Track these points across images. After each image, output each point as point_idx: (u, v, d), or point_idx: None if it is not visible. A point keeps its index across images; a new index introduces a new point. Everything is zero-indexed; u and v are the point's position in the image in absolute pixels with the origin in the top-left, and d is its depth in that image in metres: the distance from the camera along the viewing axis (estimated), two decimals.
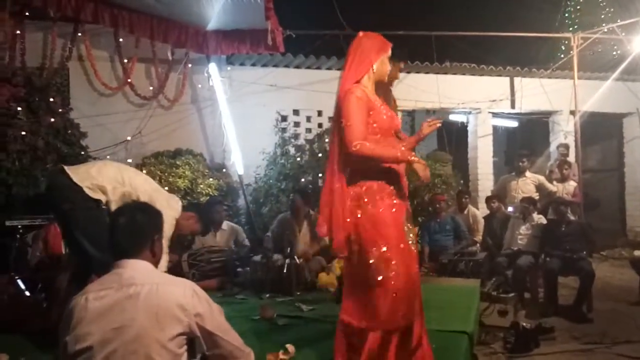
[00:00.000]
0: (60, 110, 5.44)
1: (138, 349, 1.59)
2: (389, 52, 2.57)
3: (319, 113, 7.32)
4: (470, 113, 8.45)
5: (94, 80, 6.07)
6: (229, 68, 6.85)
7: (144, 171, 5.50)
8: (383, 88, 2.65)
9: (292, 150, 6.76)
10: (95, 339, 1.59)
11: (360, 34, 2.55)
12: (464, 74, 8.19)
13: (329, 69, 7.36)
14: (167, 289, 1.68)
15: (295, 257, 4.66)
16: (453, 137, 9.68)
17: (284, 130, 7.02)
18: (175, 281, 1.75)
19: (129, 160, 5.81)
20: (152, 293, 1.64)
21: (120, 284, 1.67)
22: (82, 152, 5.42)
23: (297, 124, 7.29)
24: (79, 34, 5.87)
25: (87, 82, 6.09)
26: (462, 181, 7.57)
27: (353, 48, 2.51)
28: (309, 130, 7.31)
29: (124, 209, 1.91)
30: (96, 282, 1.78)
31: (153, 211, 1.89)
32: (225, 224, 5.45)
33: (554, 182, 6.99)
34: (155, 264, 1.80)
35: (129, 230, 1.77)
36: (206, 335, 1.70)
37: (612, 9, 8.46)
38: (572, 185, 6.98)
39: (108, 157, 5.73)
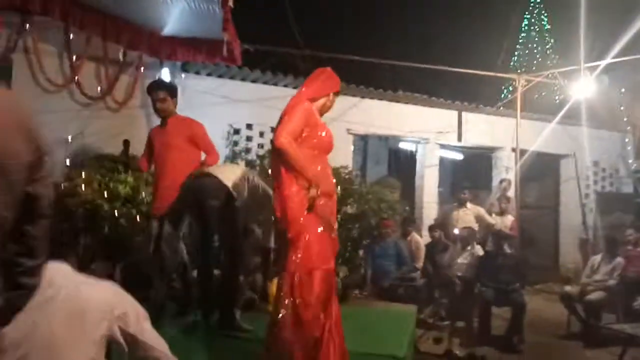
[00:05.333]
0: None
1: (52, 352, 1.50)
2: (338, 94, 2.93)
3: (273, 129, 7.29)
4: (419, 142, 8.67)
5: (39, 75, 5.79)
6: (183, 75, 6.74)
7: (83, 174, 5.28)
8: None
9: (242, 165, 6.67)
10: (7, 341, 1.48)
11: (328, 69, 2.90)
12: (415, 104, 8.42)
13: (285, 86, 7.38)
14: (87, 290, 1.60)
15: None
16: (402, 165, 9.93)
17: (235, 143, 6.93)
18: (96, 283, 1.68)
19: (67, 161, 5.55)
20: (70, 295, 1.56)
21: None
22: None
23: (249, 138, 7.23)
24: (27, 26, 5.61)
25: (31, 77, 5.80)
26: (407, 208, 7.71)
27: (314, 76, 2.86)
28: (261, 146, 7.26)
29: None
30: None
31: (75, 217, 1.81)
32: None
33: (493, 215, 7.26)
34: (73, 267, 1.70)
35: (51, 232, 1.67)
36: (129, 339, 1.63)
37: (556, 57, 8.99)
38: (510, 219, 7.27)
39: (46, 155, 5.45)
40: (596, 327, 5.09)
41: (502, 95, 9.15)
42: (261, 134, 7.32)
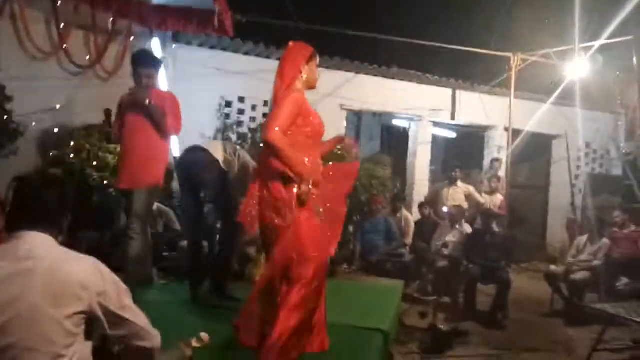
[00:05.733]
0: None
1: (30, 325, 1.50)
2: (317, 60, 2.84)
3: (265, 103, 7.22)
4: (412, 120, 8.65)
5: (26, 41, 5.67)
6: (174, 46, 6.63)
7: (72, 143, 5.24)
8: None
9: (233, 138, 6.64)
10: None
11: (290, 43, 2.83)
12: (409, 81, 8.36)
13: (278, 59, 7.18)
14: (68, 265, 1.59)
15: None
16: (395, 142, 9.91)
17: (227, 116, 6.88)
18: (78, 257, 1.66)
19: (56, 130, 5.49)
20: (51, 268, 1.56)
21: (18, 256, 1.57)
22: (5, 117, 5.05)
23: (241, 111, 7.17)
24: None
25: (18, 43, 5.68)
26: (398, 185, 7.73)
27: (284, 57, 2.79)
28: (252, 119, 7.21)
29: (31, 179, 1.76)
30: None
31: (62, 185, 1.79)
32: (155, 206, 5.26)
33: (483, 194, 7.30)
34: (56, 239, 1.69)
35: (35, 201, 1.66)
36: (109, 315, 1.63)
37: (552, 35, 8.93)
38: (499, 198, 7.31)
39: (34, 123, 5.38)
40: (579, 306, 5.18)
41: (496, 74, 9.07)
42: (253, 107, 7.26)
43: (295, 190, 2.57)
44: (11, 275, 1.53)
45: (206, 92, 6.68)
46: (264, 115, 7.22)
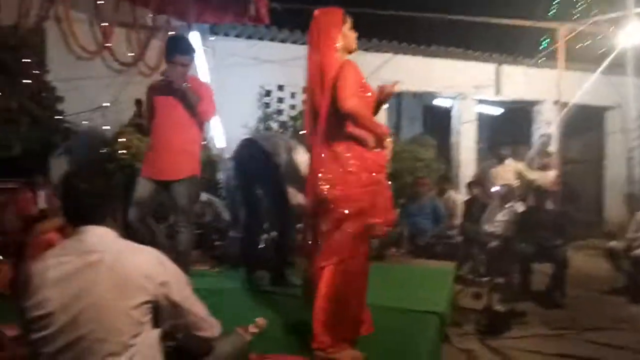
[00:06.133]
0: (35, 71, 5.24)
1: (99, 317, 1.54)
2: (349, 23, 2.66)
3: (304, 90, 7.19)
4: (455, 98, 8.43)
5: (71, 42, 5.84)
6: (212, 38, 6.69)
7: (121, 139, 5.38)
8: None
9: (275, 127, 6.66)
10: (55, 305, 1.54)
11: (316, 12, 2.65)
12: (450, 58, 8.14)
13: None
14: (132, 257, 1.62)
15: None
16: (438, 122, 9.70)
17: (267, 105, 6.90)
18: (140, 249, 1.69)
19: (106, 127, 5.65)
20: (115, 261, 1.59)
21: (82, 250, 1.60)
22: (57, 117, 5.24)
23: (281, 100, 7.18)
24: None
25: (65, 45, 5.86)
26: (444, 166, 7.58)
27: (313, 27, 2.63)
28: (292, 107, 7.20)
29: (80, 174, 1.78)
30: (56, 248, 1.70)
31: (109, 178, 1.83)
32: (204, 196, 5.36)
33: (534, 171, 7.05)
34: (117, 230, 1.72)
35: (90, 196, 1.68)
36: (171, 305, 1.65)
37: (598, 3, 8.48)
38: (551, 174, 7.05)
39: (84, 122, 5.56)
40: None
41: (542, 46, 8.69)
42: (292, 95, 7.25)
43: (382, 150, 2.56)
44: (78, 269, 1.57)
45: (246, 82, 6.71)
46: (304, 102, 7.19)
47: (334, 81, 2.51)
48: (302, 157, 3.86)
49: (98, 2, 5.80)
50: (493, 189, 6.64)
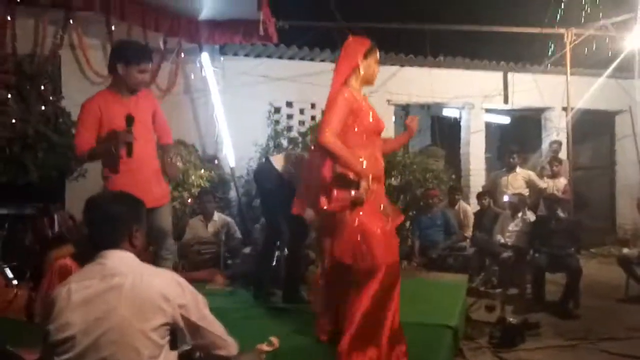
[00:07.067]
0: (51, 98, 5.40)
1: (120, 339, 1.59)
2: (376, 55, 2.76)
3: (313, 105, 7.28)
4: (463, 108, 8.45)
5: (85, 68, 6.00)
6: (222, 58, 6.80)
7: None
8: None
9: (285, 143, 6.74)
10: (77, 329, 1.59)
11: (349, 38, 2.76)
12: (457, 68, 8.18)
13: (322, 60, 7.32)
14: (151, 279, 1.68)
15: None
16: (446, 133, 9.71)
17: (276, 122, 6.99)
18: (158, 272, 1.76)
19: None
20: (135, 284, 1.64)
21: (104, 274, 1.67)
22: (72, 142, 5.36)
23: (290, 116, 7.26)
24: (71, 21, 5.81)
25: (79, 71, 6.02)
26: (453, 176, 7.59)
27: (343, 51, 2.75)
28: (302, 123, 7.27)
29: (99, 199, 1.87)
30: (79, 272, 1.77)
31: (131, 201, 1.87)
32: (217, 216, 5.45)
33: (545, 179, 7.04)
34: (137, 254, 1.79)
35: (107, 221, 1.76)
36: (190, 326, 1.71)
37: (605, 7, 8.46)
38: (562, 182, 7.02)
39: None
40: None
41: (549, 53, 8.68)
42: (301, 111, 7.33)
43: (353, 193, 2.57)
44: (99, 293, 1.63)
45: (255, 100, 6.82)
46: (312, 118, 7.29)
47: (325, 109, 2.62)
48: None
49: (111, 27, 5.97)
50: (504, 199, 6.64)
